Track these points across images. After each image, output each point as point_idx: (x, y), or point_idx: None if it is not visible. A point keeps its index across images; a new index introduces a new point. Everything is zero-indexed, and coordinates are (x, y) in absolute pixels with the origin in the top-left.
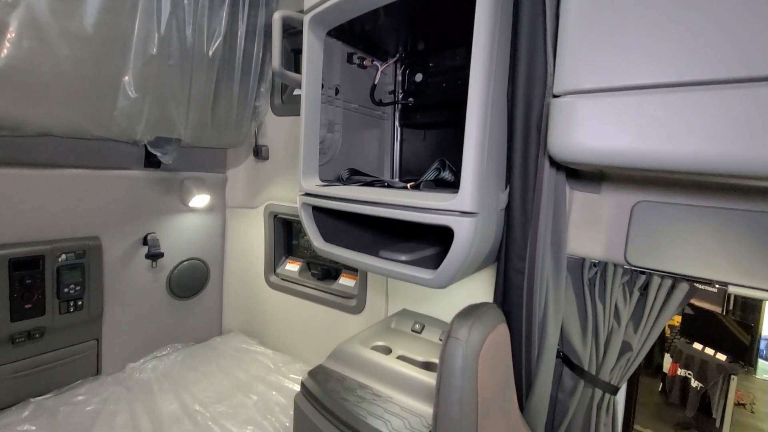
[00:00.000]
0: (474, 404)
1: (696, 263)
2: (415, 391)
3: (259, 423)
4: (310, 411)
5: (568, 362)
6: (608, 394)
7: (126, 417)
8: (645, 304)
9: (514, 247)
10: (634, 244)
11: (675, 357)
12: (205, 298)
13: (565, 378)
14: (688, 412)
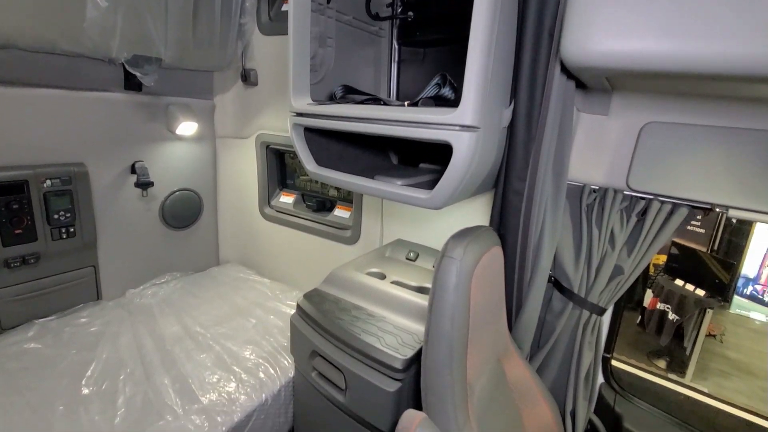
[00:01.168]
0: (465, 320)
1: (699, 186)
2: (408, 311)
3: (259, 343)
4: (306, 329)
5: (559, 286)
6: (595, 315)
7: (129, 337)
8: (641, 229)
9: (514, 168)
10: (638, 168)
11: (656, 292)
12: (200, 229)
13: (554, 301)
14: (662, 341)
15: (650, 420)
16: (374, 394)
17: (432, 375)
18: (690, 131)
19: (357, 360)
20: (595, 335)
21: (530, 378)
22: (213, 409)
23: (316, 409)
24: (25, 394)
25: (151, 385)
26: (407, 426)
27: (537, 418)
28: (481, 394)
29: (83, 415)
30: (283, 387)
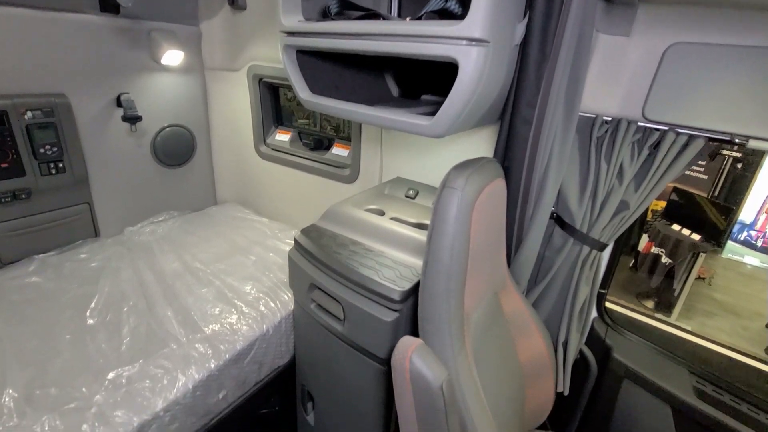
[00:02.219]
0: (465, 252)
1: (720, 115)
2: (406, 246)
3: (259, 278)
4: (304, 263)
5: (560, 222)
6: (595, 251)
7: (130, 272)
8: (652, 162)
9: (525, 92)
10: (657, 96)
11: (652, 237)
12: (195, 167)
13: (555, 237)
14: (652, 283)
15: (638, 351)
16: (372, 324)
17: (429, 304)
18: (716, 53)
19: (355, 292)
20: (593, 271)
21: (526, 311)
22: (216, 338)
23: (315, 339)
24: (32, 324)
25: (154, 316)
26: (403, 351)
27: (530, 348)
28: (478, 324)
29: (90, 343)
30: (284, 319)
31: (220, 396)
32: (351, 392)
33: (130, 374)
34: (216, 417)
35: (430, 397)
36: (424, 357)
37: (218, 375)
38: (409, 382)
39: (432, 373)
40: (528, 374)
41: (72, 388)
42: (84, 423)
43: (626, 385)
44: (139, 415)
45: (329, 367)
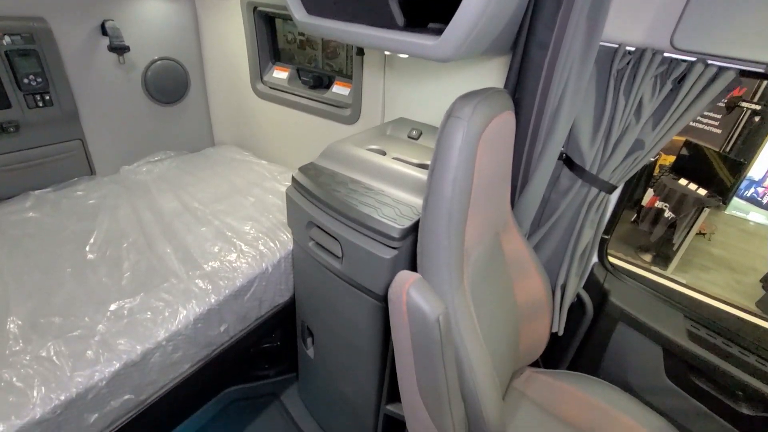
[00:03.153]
0: (468, 187)
1: (758, 42)
2: (407, 185)
3: (258, 219)
4: (302, 201)
5: (569, 163)
6: (604, 192)
7: (128, 210)
8: (675, 98)
9: (542, 12)
10: (690, 21)
11: (657, 191)
12: (190, 105)
13: (562, 178)
14: (652, 237)
15: (635, 296)
16: (370, 261)
17: (429, 239)
18: None
19: (353, 230)
20: (599, 214)
21: (526, 253)
22: (216, 274)
23: (314, 277)
24: (32, 258)
25: (154, 253)
26: (400, 284)
27: (528, 289)
28: (477, 262)
29: (91, 277)
30: (283, 258)
31: (221, 329)
32: (349, 328)
33: (132, 306)
34: (218, 348)
35: (426, 329)
36: (421, 290)
37: (219, 309)
38: (405, 314)
39: (429, 306)
40: (524, 314)
41: (75, 317)
42: (88, 350)
43: (620, 328)
44: (142, 344)
45: (328, 304)
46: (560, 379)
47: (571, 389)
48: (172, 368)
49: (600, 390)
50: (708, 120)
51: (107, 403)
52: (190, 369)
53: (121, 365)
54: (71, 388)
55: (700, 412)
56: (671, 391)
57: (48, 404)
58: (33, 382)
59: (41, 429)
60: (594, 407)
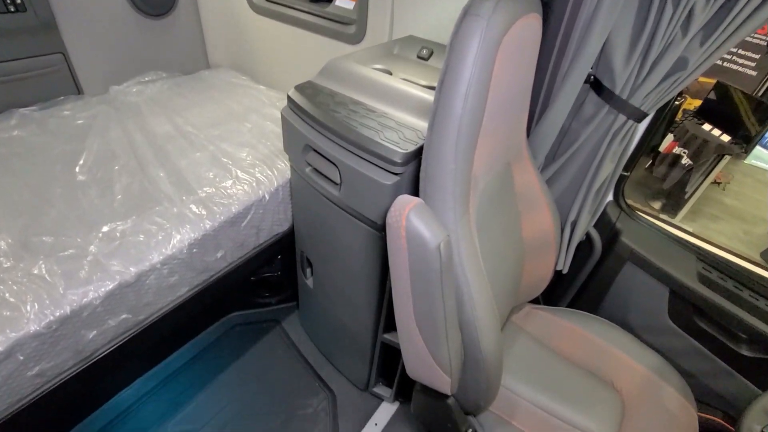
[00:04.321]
0: (481, 104)
1: None
2: (414, 108)
3: (255, 146)
4: (298, 122)
5: (597, 86)
6: (632, 121)
7: (119, 132)
8: (732, 7)
9: None
10: None
11: (677, 136)
12: (180, 19)
13: (587, 104)
14: (665, 184)
15: (647, 236)
16: (370, 188)
17: (434, 160)
18: None
19: (352, 154)
20: (623, 146)
21: (538, 187)
22: (210, 200)
23: (312, 206)
24: (22, 177)
25: (147, 176)
26: (400, 209)
27: (536, 224)
28: (485, 192)
29: (82, 198)
30: (281, 186)
31: (218, 255)
32: (347, 258)
33: (124, 228)
34: (216, 274)
35: (426, 257)
36: (422, 216)
37: (214, 235)
38: (404, 240)
39: (430, 233)
40: (529, 250)
41: (67, 237)
42: (81, 270)
43: (627, 267)
44: (136, 266)
45: (326, 233)
46: (559, 316)
47: (569, 326)
48: (169, 291)
49: (599, 327)
50: (744, 60)
51: (105, 322)
52: (188, 293)
53: (115, 285)
54: (64, 305)
55: (698, 352)
56: (671, 331)
57: (42, 320)
58: (26, 298)
59: (39, 342)
60: (592, 343)
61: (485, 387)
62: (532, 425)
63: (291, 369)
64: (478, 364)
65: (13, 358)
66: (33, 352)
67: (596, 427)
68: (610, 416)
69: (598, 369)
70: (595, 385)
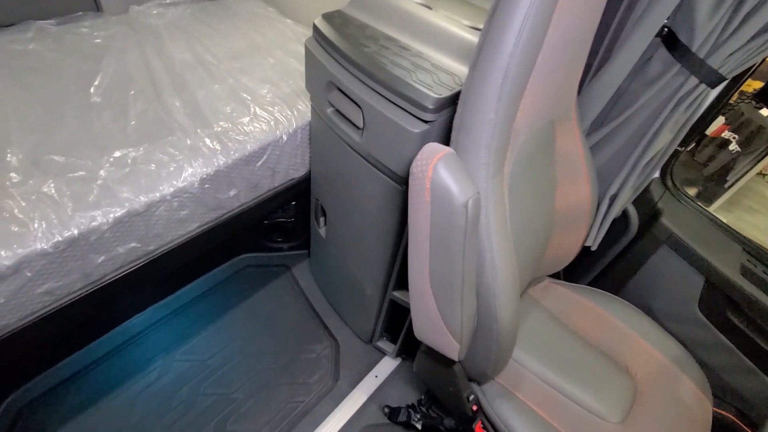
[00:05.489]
0: (537, 44)
1: None
2: (453, 49)
3: (276, 83)
4: (323, 56)
5: (670, 40)
6: (704, 85)
7: (137, 55)
8: None
9: None
10: None
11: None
12: None
13: (654, 62)
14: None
15: (691, 221)
16: (395, 135)
17: (472, 107)
18: None
19: (379, 95)
20: (688, 115)
21: (581, 153)
22: (226, 135)
23: (331, 151)
24: (35, 93)
25: (162, 104)
26: (427, 158)
27: (572, 194)
28: (522, 151)
29: (95, 120)
30: (300, 129)
31: (230, 193)
32: (364, 210)
33: (136, 156)
34: (228, 213)
35: (451, 214)
36: (451, 168)
37: (228, 172)
38: (428, 192)
39: (458, 187)
40: (559, 222)
41: (77, 159)
42: (90, 194)
43: (662, 251)
44: (146, 195)
45: (344, 182)
46: (580, 293)
47: (589, 304)
48: (179, 225)
49: (620, 309)
50: None
51: (113, 248)
52: (199, 229)
53: (124, 213)
54: (72, 227)
55: (723, 346)
56: (698, 321)
57: (50, 239)
58: (34, 215)
59: (47, 261)
60: (611, 325)
61: (495, 357)
62: (537, 399)
63: (298, 314)
64: (490, 334)
65: (20, 273)
66: (41, 270)
67: (604, 409)
68: (620, 400)
69: (613, 351)
70: (607, 366)
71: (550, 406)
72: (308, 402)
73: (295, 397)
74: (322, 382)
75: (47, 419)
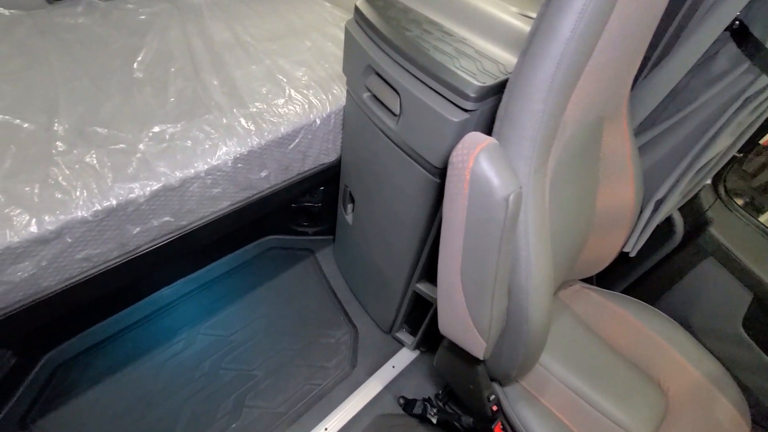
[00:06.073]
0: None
1: None
2: (500, 37)
3: (312, 66)
4: (363, 39)
5: (741, 35)
6: None
7: (178, 33)
8: None
9: None
10: None
11: None
12: None
13: (719, 58)
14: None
15: (743, 233)
16: (433, 123)
17: (519, 96)
18: None
19: (419, 81)
20: (754, 117)
21: (629, 154)
22: (260, 116)
23: (364, 137)
24: (83, 66)
25: (201, 82)
26: (469, 147)
27: (615, 196)
28: (569, 143)
29: (137, 95)
30: (333, 113)
31: (262, 174)
32: (394, 200)
33: (174, 132)
34: (258, 194)
35: (490, 207)
36: (494, 159)
37: (260, 153)
38: (467, 184)
39: (499, 180)
40: (598, 224)
41: (119, 131)
42: (129, 166)
43: (707, 263)
44: (182, 171)
45: (375, 170)
46: (613, 300)
47: (622, 312)
48: (211, 202)
49: (656, 321)
50: None
51: (148, 221)
52: (229, 207)
53: (160, 187)
54: (111, 198)
55: (766, 368)
56: (741, 340)
57: (90, 207)
58: (76, 184)
59: (86, 229)
60: (643, 336)
61: (522, 359)
62: (560, 406)
63: (319, 299)
64: (519, 335)
65: (62, 239)
66: (81, 237)
67: (631, 422)
68: (650, 414)
69: (645, 364)
70: (638, 379)
71: (573, 414)
72: (325, 386)
73: (312, 380)
74: (339, 367)
75: (79, 379)
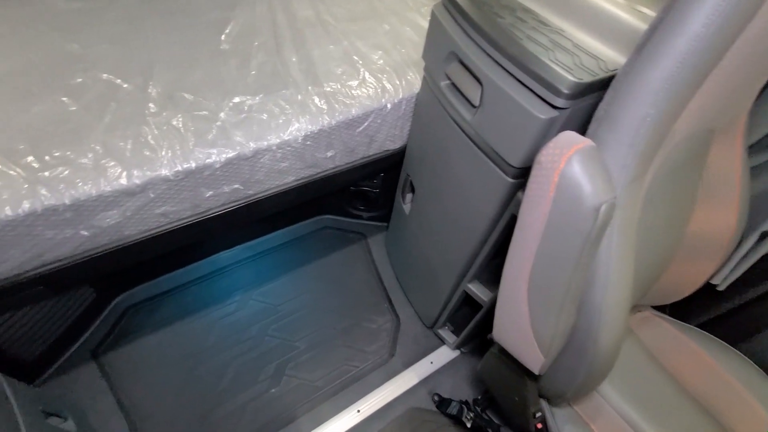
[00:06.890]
0: (734, 31)
1: None
2: (604, 30)
3: (389, 50)
4: (449, 23)
5: None
6: None
7: (264, 8)
8: None
9: None
10: None
11: None
12: None
13: None
14: None
15: None
16: (516, 118)
17: (625, 98)
18: None
19: (506, 71)
20: None
21: (739, 174)
22: (334, 96)
23: (435, 129)
24: (176, 35)
25: (280, 58)
26: (562, 147)
27: (714, 220)
28: (671, 155)
29: (222, 66)
30: (405, 100)
31: (328, 154)
32: (458, 197)
33: (252, 104)
34: (321, 173)
35: (576, 215)
36: (589, 163)
37: (329, 133)
38: (554, 186)
39: (592, 188)
40: (688, 248)
41: (203, 99)
42: (210, 132)
43: None
44: (255, 142)
45: (442, 163)
46: (687, 334)
47: (697, 348)
48: (278, 175)
49: (737, 364)
50: None
51: (220, 186)
52: (294, 182)
53: (234, 155)
54: (191, 160)
55: None
56: None
57: (172, 167)
58: (163, 143)
59: (167, 187)
60: (719, 378)
61: (581, 381)
62: None
63: (366, 283)
64: (584, 356)
65: (145, 193)
66: (161, 194)
67: None
68: None
69: (715, 408)
70: (705, 423)
71: None
72: (362, 369)
73: (350, 361)
74: (378, 353)
75: (143, 322)
